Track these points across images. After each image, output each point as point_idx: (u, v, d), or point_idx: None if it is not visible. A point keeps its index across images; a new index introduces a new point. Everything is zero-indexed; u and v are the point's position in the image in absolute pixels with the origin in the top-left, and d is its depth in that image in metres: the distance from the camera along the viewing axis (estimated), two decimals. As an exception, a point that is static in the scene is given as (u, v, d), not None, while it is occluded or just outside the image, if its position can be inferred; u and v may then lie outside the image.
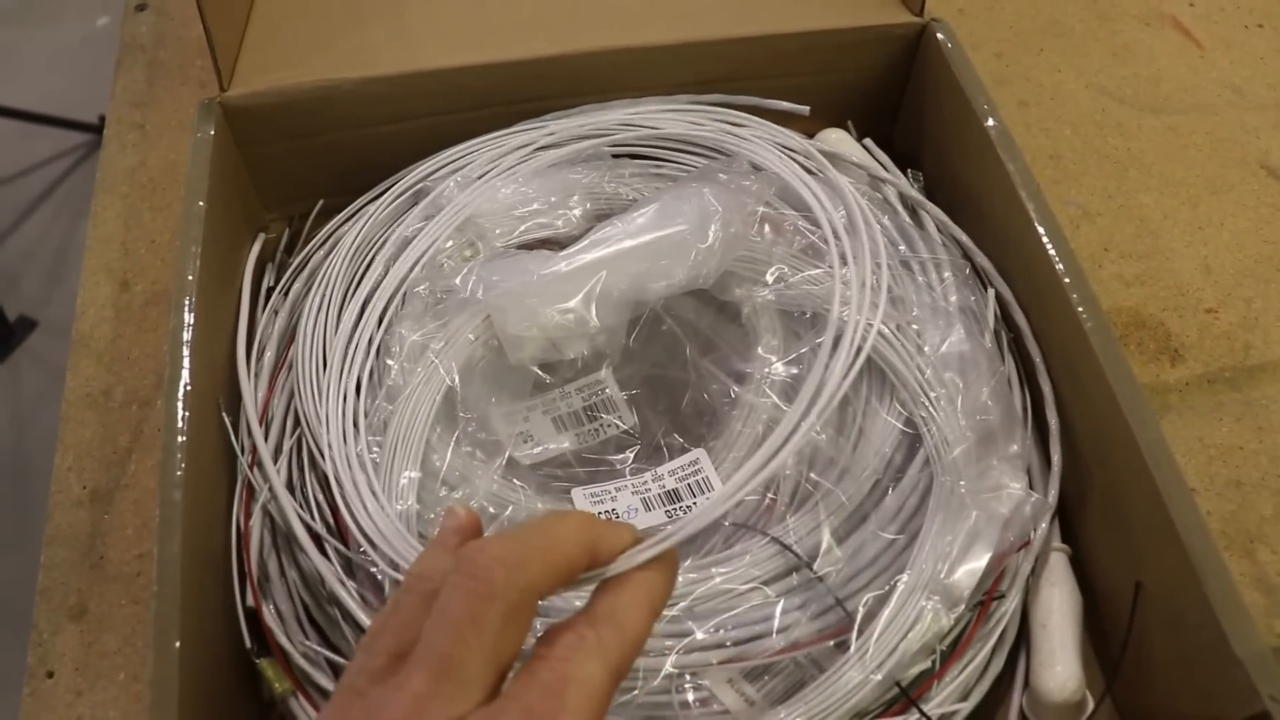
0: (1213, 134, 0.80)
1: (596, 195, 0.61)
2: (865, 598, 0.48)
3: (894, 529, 0.50)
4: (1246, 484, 0.62)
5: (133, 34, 0.85)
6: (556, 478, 0.55)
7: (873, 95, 0.71)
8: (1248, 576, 0.59)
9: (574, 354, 0.55)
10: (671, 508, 0.53)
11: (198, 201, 0.56)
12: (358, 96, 0.63)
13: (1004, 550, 0.50)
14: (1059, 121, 0.80)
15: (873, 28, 0.67)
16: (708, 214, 0.56)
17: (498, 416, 0.56)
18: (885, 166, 0.66)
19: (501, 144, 0.63)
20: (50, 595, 0.58)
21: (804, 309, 0.57)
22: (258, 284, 0.63)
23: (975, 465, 0.51)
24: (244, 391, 0.56)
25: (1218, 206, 0.75)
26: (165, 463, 0.49)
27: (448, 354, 0.55)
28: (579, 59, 0.64)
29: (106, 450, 0.63)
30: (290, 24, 0.66)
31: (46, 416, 0.60)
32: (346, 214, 0.63)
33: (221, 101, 0.61)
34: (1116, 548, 0.53)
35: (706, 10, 0.67)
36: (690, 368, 0.58)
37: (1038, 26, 0.87)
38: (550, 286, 0.54)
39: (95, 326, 0.69)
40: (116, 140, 0.78)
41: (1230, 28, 0.87)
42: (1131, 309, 0.70)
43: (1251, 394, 0.66)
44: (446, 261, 0.58)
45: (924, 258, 0.59)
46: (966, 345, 0.55)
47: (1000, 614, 0.51)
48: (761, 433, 0.55)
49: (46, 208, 1.96)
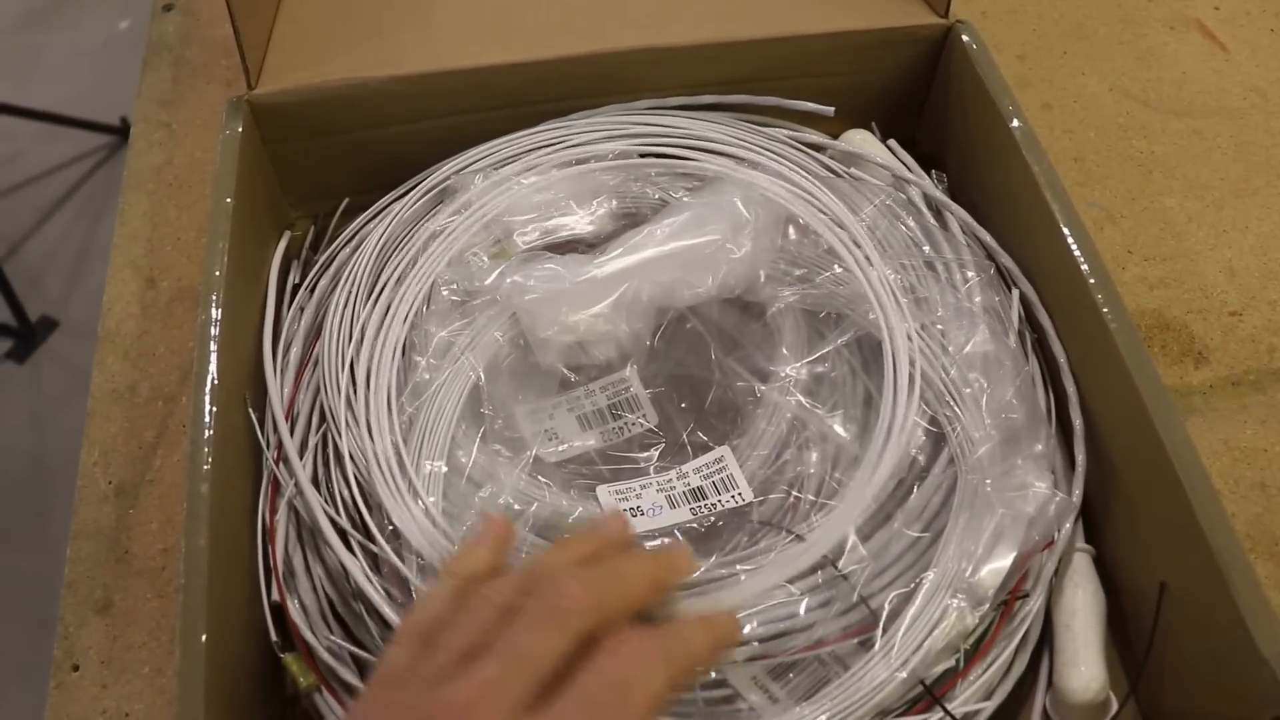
0: (1237, 137, 0.79)
1: (623, 195, 0.61)
2: (890, 595, 0.48)
3: (918, 527, 0.51)
4: (1271, 486, 0.62)
5: (160, 34, 0.86)
6: (581, 475, 0.55)
7: (897, 96, 0.71)
8: (1272, 579, 0.59)
9: (602, 356, 0.56)
10: (696, 505, 0.53)
11: (225, 198, 0.57)
12: (384, 95, 0.63)
13: (1029, 549, 0.50)
14: (1082, 124, 0.80)
15: (898, 29, 0.67)
16: (740, 224, 0.56)
17: (523, 414, 0.56)
18: (909, 167, 0.66)
19: (527, 143, 0.63)
20: (76, 589, 0.59)
21: (828, 309, 0.57)
22: (283, 281, 0.63)
23: (1000, 464, 0.51)
24: (270, 387, 0.56)
25: (1242, 210, 0.75)
26: (193, 456, 0.49)
27: (474, 351, 0.55)
28: (604, 59, 0.64)
29: (132, 446, 0.64)
30: (317, 23, 0.66)
31: (67, 416, 0.61)
32: (373, 211, 0.63)
33: (249, 99, 0.61)
34: (1141, 548, 0.53)
35: (731, 11, 0.67)
36: (714, 366, 0.59)
37: (1061, 30, 0.87)
38: (581, 292, 0.54)
39: (121, 323, 0.69)
40: (143, 139, 0.79)
41: (1255, 31, 0.86)
42: (1155, 311, 0.70)
43: (1276, 396, 0.66)
44: (473, 259, 0.58)
45: (948, 259, 0.59)
46: (991, 345, 0.55)
47: (1024, 614, 0.51)
48: (785, 430, 0.55)
49: (68, 209, 1.97)
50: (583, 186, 0.61)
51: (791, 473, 0.54)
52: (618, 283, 0.55)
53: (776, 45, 0.66)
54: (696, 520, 0.52)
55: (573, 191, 0.60)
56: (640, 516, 0.52)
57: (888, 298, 0.55)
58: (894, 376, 0.53)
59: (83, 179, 2.01)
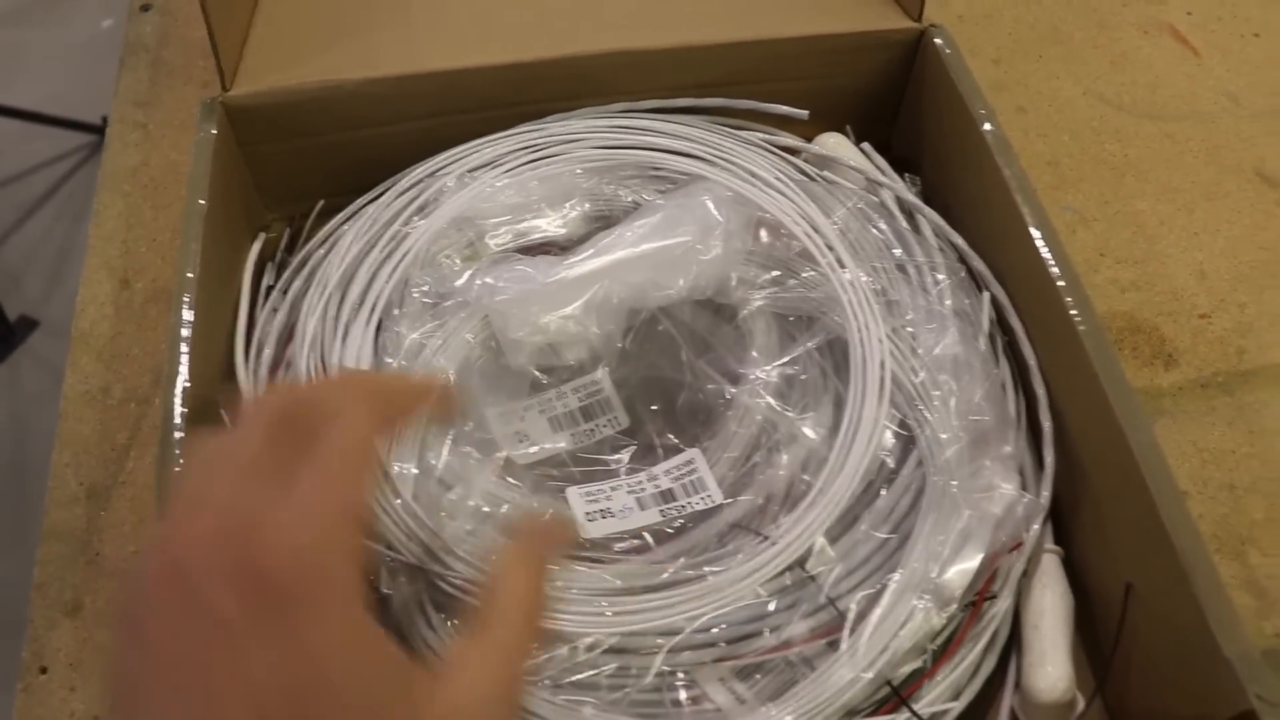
0: (1209, 141, 0.80)
1: (596, 197, 0.62)
2: (857, 596, 0.48)
3: (886, 529, 0.51)
4: (1239, 487, 0.63)
5: (137, 34, 0.85)
6: (552, 477, 0.56)
7: (871, 99, 0.71)
8: (1239, 579, 0.60)
9: (573, 359, 0.56)
10: (666, 507, 0.53)
11: (199, 199, 0.57)
12: (359, 97, 0.63)
13: (996, 550, 0.50)
14: (1057, 128, 0.81)
15: (872, 33, 0.67)
16: (710, 225, 0.56)
17: (494, 416, 0.56)
18: (883, 170, 0.67)
19: (501, 145, 0.63)
20: (46, 591, 0.59)
21: (800, 312, 0.57)
22: (258, 282, 0.63)
23: (968, 465, 0.52)
24: (242, 389, 0.57)
25: (1213, 213, 0.76)
26: (162, 459, 0.49)
27: (445, 353, 0.55)
28: (578, 62, 0.64)
29: (104, 447, 0.64)
30: (293, 25, 0.66)
31: (47, 416, 0.61)
32: (347, 213, 0.63)
33: (223, 101, 0.61)
34: (1108, 550, 0.53)
35: (706, 15, 0.67)
36: (686, 369, 0.59)
37: (1037, 34, 0.87)
38: (552, 293, 0.55)
39: (95, 324, 0.69)
40: (119, 140, 0.78)
41: (1227, 36, 0.87)
42: (1126, 314, 0.70)
43: (1244, 398, 0.66)
44: (445, 261, 0.58)
45: (920, 262, 0.59)
46: (960, 348, 0.55)
47: (992, 614, 0.51)
48: (756, 433, 0.55)
49: (49, 208, 1.96)
50: (556, 189, 0.61)
51: (762, 475, 0.54)
52: (588, 284, 0.55)
53: (751, 49, 0.67)
54: (666, 522, 0.52)
55: (546, 194, 0.61)
56: (610, 519, 0.52)
57: (859, 301, 0.55)
58: (863, 380, 0.53)
59: (64, 178, 2.01)
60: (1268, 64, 0.85)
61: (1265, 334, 0.69)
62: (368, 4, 0.68)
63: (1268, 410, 0.66)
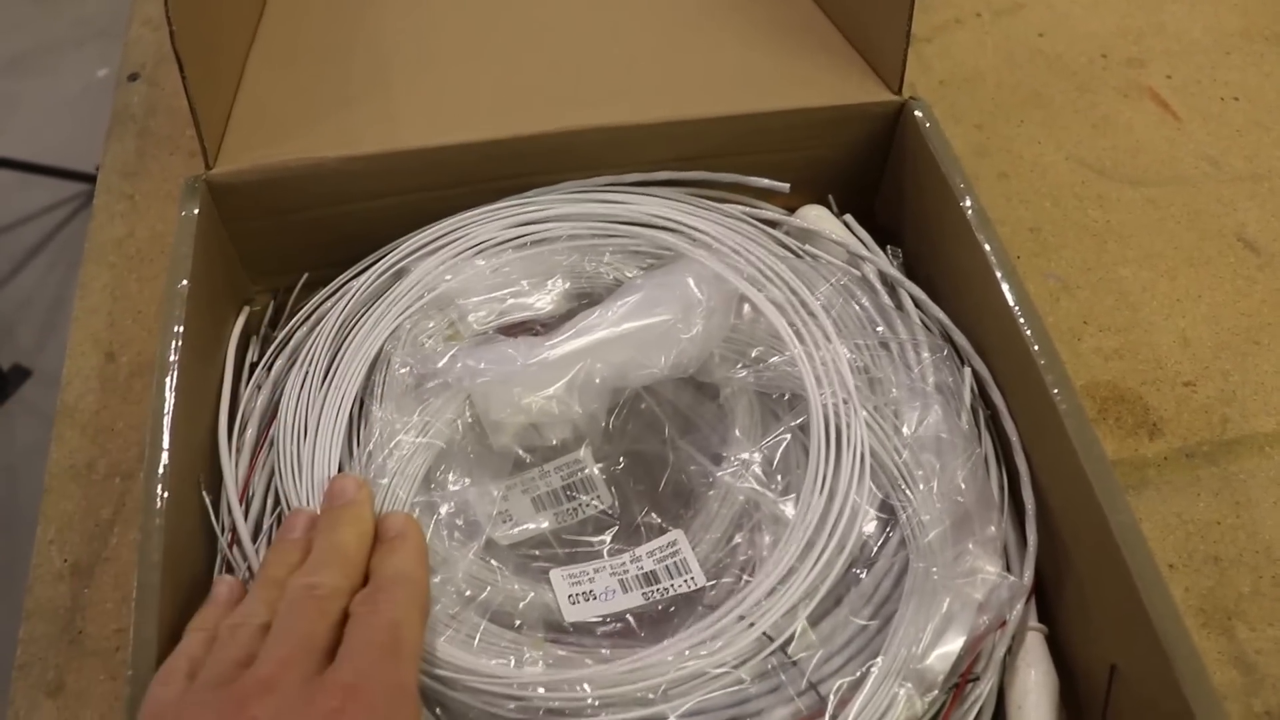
0: (1190, 206, 0.80)
1: (577, 275, 0.62)
2: (838, 683, 0.48)
3: (868, 613, 0.51)
4: (1224, 559, 0.63)
5: (124, 103, 0.86)
6: (535, 558, 0.56)
7: (854, 170, 0.72)
8: (1226, 654, 0.59)
9: (556, 438, 0.56)
10: (648, 589, 0.53)
11: (181, 281, 0.57)
12: (342, 174, 0.64)
13: (979, 634, 0.50)
14: (1039, 194, 0.81)
15: (853, 106, 0.68)
16: (691, 304, 0.56)
17: (477, 496, 0.56)
18: (865, 244, 0.67)
19: (483, 222, 0.64)
20: (28, 671, 0.59)
21: (782, 390, 0.58)
22: (241, 358, 0.63)
23: (951, 549, 0.52)
24: (225, 470, 0.56)
25: (1195, 279, 0.76)
26: (143, 545, 0.49)
27: (428, 434, 0.55)
28: (561, 137, 0.65)
29: (89, 523, 0.64)
30: (276, 102, 0.67)
31: (39, 466, 0.61)
32: (329, 290, 0.63)
33: (207, 179, 0.62)
34: (1091, 629, 0.53)
35: (688, 89, 0.68)
36: (669, 447, 0.59)
37: (1018, 98, 0.88)
38: (534, 374, 0.55)
39: (81, 398, 0.69)
40: (105, 210, 0.79)
41: (1207, 100, 0.88)
42: (1110, 383, 0.70)
43: (1229, 468, 0.66)
44: (428, 342, 0.58)
45: (903, 339, 0.60)
46: (944, 427, 0.55)
47: (975, 696, 0.51)
48: (738, 513, 0.55)
49: (43, 257, 1.97)
50: (537, 267, 0.61)
51: (743, 555, 0.54)
52: (570, 364, 0.55)
53: (733, 123, 0.67)
54: (649, 606, 0.52)
55: (527, 272, 0.61)
56: (593, 601, 0.52)
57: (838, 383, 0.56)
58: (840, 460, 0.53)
59: (58, 227, 2.01)
60: (1248, 127, 0.86)
61: (1248, 402, 0.69)
62: (349, 80, 0.68)
63: (1253, 481, 0.66)
